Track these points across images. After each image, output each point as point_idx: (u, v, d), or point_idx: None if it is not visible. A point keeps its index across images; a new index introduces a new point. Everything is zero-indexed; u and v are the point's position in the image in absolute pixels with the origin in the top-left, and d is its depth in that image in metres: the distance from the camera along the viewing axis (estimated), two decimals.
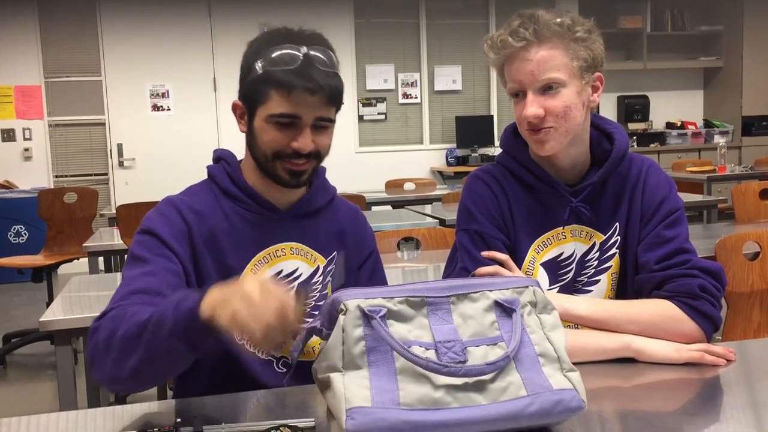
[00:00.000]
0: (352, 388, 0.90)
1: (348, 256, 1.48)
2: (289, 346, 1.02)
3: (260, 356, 1.40)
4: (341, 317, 0.94)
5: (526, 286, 1.02)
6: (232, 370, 1.37)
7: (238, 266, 1.37)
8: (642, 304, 1.40)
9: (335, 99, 1.35)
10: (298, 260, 1.43)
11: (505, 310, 0.99)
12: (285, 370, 1.41)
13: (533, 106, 1.39)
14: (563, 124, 1.41)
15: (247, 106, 1.38)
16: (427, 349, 0.93)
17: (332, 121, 1.37)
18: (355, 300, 0.95)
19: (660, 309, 1.37)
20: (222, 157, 1.47)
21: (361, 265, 1.53)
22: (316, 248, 1.45)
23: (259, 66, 1.33)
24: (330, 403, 0.93)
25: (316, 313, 1.43)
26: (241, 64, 1.39)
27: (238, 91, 1.40)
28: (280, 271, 1.41)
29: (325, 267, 1.46)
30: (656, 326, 1.35)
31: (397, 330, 0.94)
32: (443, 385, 0.92)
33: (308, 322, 1.05)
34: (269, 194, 1.42)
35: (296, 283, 1.42)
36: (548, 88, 1.40)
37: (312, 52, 1.32)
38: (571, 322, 1.37)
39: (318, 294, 1.44)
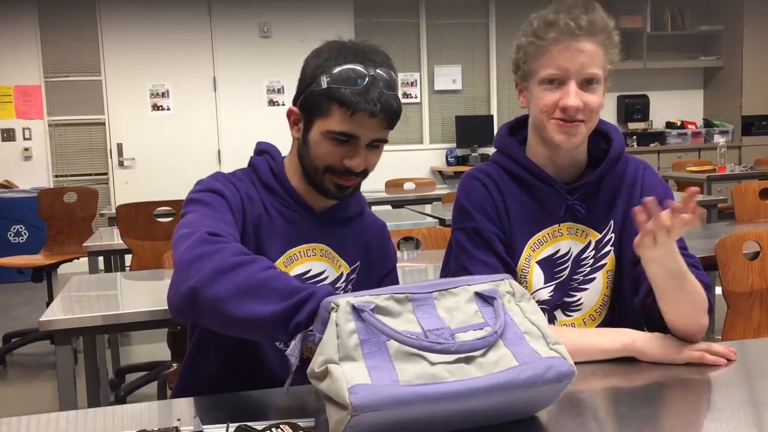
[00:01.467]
0: (351, 372, 0.93)
1: (370, 269, 1.52)
2: None
3: (278, 344, 1.42)
4: (333, 314, 0.97)
5: (502, 279, 1.09)
6: (245, 357, 1.40)
7: (273, 257, 1.39)
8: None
9: (394, 122, 1.38)
10: (325, 262, 1.46)
11: (485, 299, 1.05)
12: (299, 364, 1.41)
13: (576, 97, 1.38)
14: (593, 120, 1.43)
15: (304, 116, 1.39)
16: (417, 338, 0.97)
17: (386, 141, 1.41)
18: (344, 298, 0.99)
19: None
20: (266, 151, 1.49)
21: (381, 280, 1.55)
22: (342, 255, 1.48)
23: (324, 80, 1.34)
24: (330, 389, 0.93)
25: None
26: (304, 72, 1.39)
27: (296, 97, 1.41)
28: (309, 270, 1.44)
29: (348, 275, 1.49)
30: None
31: (387, 322, 0.98)
32: (438, 362, 0.96)
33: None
34: (308, 197, 1.45)
35: (323, 284, 1.44)
36: (589, 83, 1.39)
37: (378, 72, 1.35)
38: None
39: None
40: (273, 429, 1.01)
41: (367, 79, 1.32)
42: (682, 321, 1.33)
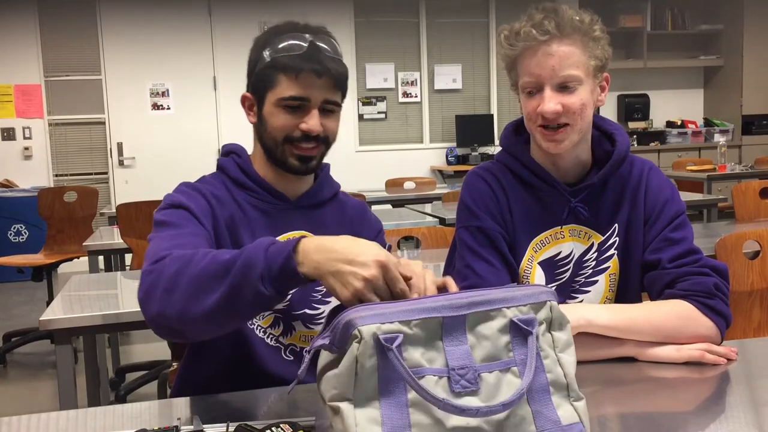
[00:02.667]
0: (363, 424, 0.89)
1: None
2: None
3: (268, 342, 1.42)
4: (355, 345, 0.90)
5: (544, 302, 0.99)
6: (239, 356, 1.39)
7: None
8: (659, 308, 1.37)
9: (341, 83, 1.40)
10: None
11: (520, 331, 0.96)
12: (292, 358, 1.43)
13: (552, 102, 1.38)
14: (578, 122, 1.41)
15: (256, 96, 1.42)
16: (440, 378, 0.91)
17: (339, 105, 1.42)
18: (370, 326, 0.90)
19: (678, 311, 1.35)
20: (232, 151, 1.50)
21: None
22: None
23: (267, 54, 1.38)
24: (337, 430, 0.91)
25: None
26: (249, 58, 1.44)
27: (247, 84, 1.45)
28: None
29: None
30: (677, 331, 1.33)
31: (411, 355, 0.91)
32: (457, 425, 0.90)
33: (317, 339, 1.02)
34: (279, 185, 1.46)
35: None
36: (566, 86, 1.39)
37: (317, 41, 1.38)
38: (593, 332, 1.33)
39: None
40: (273, 428, 1.01)
41: (308, 44, 1.37)
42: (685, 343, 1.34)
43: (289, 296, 1.41)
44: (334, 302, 1.43)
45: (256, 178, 1.45)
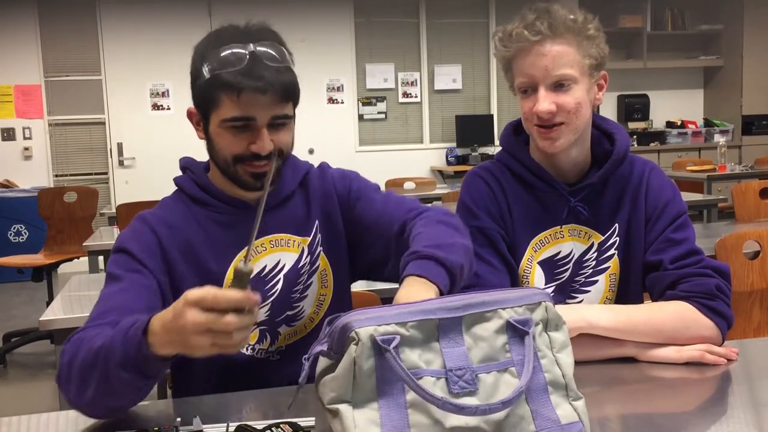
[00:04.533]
0: (363, 426, 0.89)
1: (333, 216, 1.45)
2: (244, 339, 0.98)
3: (258, 356, 1.40)
4: (352, 347, 0.90)
5: (539, 303, 0.99)
6: (227, 374, 1.37)
7: (219, 271, 1.35)
8: (661, 309, 1.37)
9: (289, 95, 1.28)
10: (279, 252, 1.40)
11: (517, 331, 0.97)
12: (279, 357, 1.41)
13: (546, 102, 1.39)
14: (574, 121, 1.41)
15: (200, 113, 1.33)
16: (438, 379, 0.91)
17: (289, 117, 1.31)
18: (367, 328, 0.90)
19: (679, 312, 1.35)
20: (186, 167, 1.45)
21: (352, 209, 1.46)
22: (296, 232, 1.42)
23: (206, 70, 1.27)
24: None
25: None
26: (191, 68, 1.32)
27: (192, 97, 1.34)
28: (264, 268, 1.39)
29: (309, 245, 1.42)
30: (678, 332, 1.33)
31: (408, 357, 0.92)
32: (456, 425, 0.90)
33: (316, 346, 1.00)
34: (238, 192, 1.38)
35: (282, 273, 1.39)
36: (560, 85, 1.39)
37: (259, 49, 1.26)
38: (594, 333, 1.33)
39: (306, 275, 1.42)
40: (273, 428, 1.01)
41: (247, 56, 1.25)
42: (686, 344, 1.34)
43: (268, 306, 1.38)
44: (310, 296, 1.43)
45: (214, 191, 1.39)
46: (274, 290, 1.39)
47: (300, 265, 1.42)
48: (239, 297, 0.94)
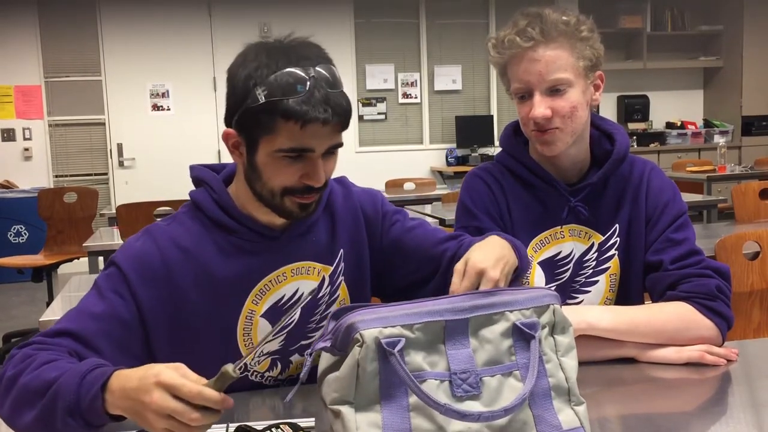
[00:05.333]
0: (364, 428, 0.89)
1: (360, 240, 1.37)
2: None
3: (267, 383, 1.34)
4: (356, 349, 0.89)
5: (547, 306, 0.98)
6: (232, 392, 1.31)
7: (235, 303, 1.27)
8: (661, 310, 1.37)
9: (347, 123, 1.20)
10: (300, 280, 1.32)
11: (523, 335, 0.96)
12: (287, 384, 1.36)
13: (541, 107, 1.39)
14: (570, 124, 1.41)
15: (245, 138, 1.21)
16: (442, 382, 0.91)
17: (342, 145, 1.23)
18: (372, 330, 0.89)
19: (680, 313, 1.35)
20: (203, 180, 1.31)
21: (382, 228, 1.39)
22: (319, 260, 1.33)
23: (260, 94, 1.15)
24: None
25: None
26: (232, 85, 1.20)
27: (228, 116, 1.22)
28: (282, 297, 1.31)
29: (331, 274, 1.34)
30: (679, 333, 1.33)
31: (413, 359, 0.91)
32: (459, 430, 0.90)
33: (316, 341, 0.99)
34: (265, 219, 1.28)
35: (300, 303, 1.32)
36: (555, 89, 1.39)
37: (320, 73, 1.16)
38: (595, 335, 1.32)
39: (325, 305, 1.35)
40: (273, 429, 1.01)
41: (309, 82, 1.14)
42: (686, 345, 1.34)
43: (283, 337, 1.32)
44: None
45: (238, 216, 1.27)
46: (291, 321, 1.32)
47: (320, 294, 1.34)
48: (216, 399, 0.92)
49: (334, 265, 1.35)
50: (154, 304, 1.22)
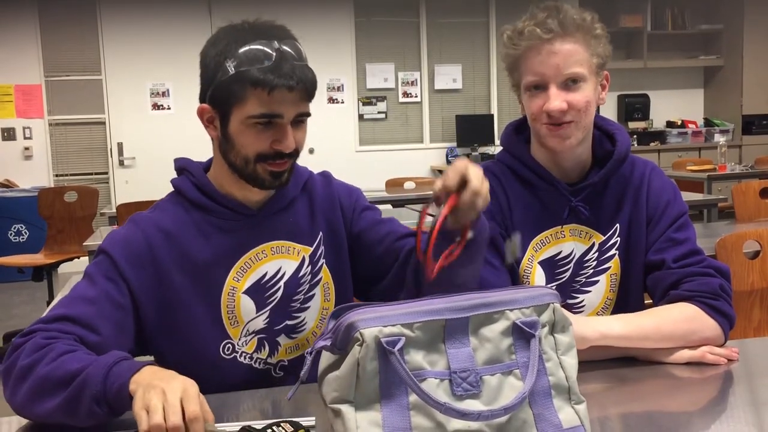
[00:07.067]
0: (365, 427, 0.89)
1: (337, 227, 1.44)
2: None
3: (256, 366, 1.36)
4: (356, 348, 0.90)
5: (547, 305, 0.98)
6: (225, 386, 1.31)
7: (217, 280, 1.33)
8: (668, 314, 1.35)
9: (312, 92, 1.30)
10: (280, 259, 1.38)
11: (523, 333, 0.96)
12: (282, 374, 1.39)
13: (557, 100, 1.38)
14: (583, 119, 1.41)
15: (218, 110, 1.30)
16: (441, 380, 0.91)
17: (309, 115, 1.33)
18: (372, 329, 0.90)
19: (686, 316, 1.34)
20: (184, 168, 1.41)
21: (358, 220, 1.46)
22: (297, 240, 1.40)
23: (230, 66, 1.26)
24: None
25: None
26: (204, 63, 1.32)
27: (202, 94, 1.33)
28: (264, 275, 1.36)
29: (311, 255, 1.40)
30: (686, 337, 1.33)
31: (413, 358, 0.91)
32: (459, 428, 0.90)
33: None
34: (241, 196, 1.36)
35: (281, 283, 1.37)
36: (571, 83, 1.39)
37: (284, 47, 1.27)
38: (607, 344, 1.32)
39: (308, 285, 1.40)
40: (274, 427, 1.01)
41: (275, 54, 1.25)
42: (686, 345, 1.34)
43: (266, 314, 1.36)
44: (313, 308, 1.41)
45: (215, 195, 1.36)
46: (273, 297, 1.37)
47: (300, 274, 1.39)
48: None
49: (314, 246, 1.41)
50: (143, 285, 1.29)
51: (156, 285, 1.30)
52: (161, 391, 1.00)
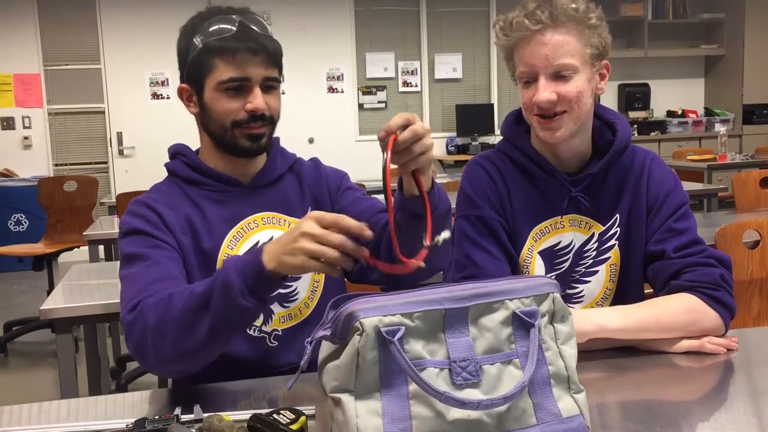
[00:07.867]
0: (364, 416, 0.89)
1: (323, 204, 1.51)
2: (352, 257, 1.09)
3: (252, 333, 1.40)
4: (356, 337, 0.90)
5: (547, 294, 0.98)
6: (224, 354, 1.31)
7: (212, 247, 1.40)
8: (668, 306, 1.35)
9: (277, 59, 1.40)
10: (271, 229, 1.45)
11: (522, 323, 0.96)
12: (277, 344, 1.41)
13: (546, 91, 1.38)
14: (575, 110, 1.40)
15: (193, 84, 1.41)
16: (441, 370, 0.92)
17: (279, 81, 1.41)
18: (371, 319, 0.90)
19: (687, 307, 1.34)
20: (177, 152, 1.50)
21: (340, 198, 1.52)
22: (287, 212, 1.47)
23: (198, 40, 1.37)
24: (339, 424, 0.91)
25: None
26: (179, 48, 1.43)
27: (181, 75, 1.44)
28: (256, 243, 1.42)
29: None
30: (686, 328, 1.32)
31: (413, 347, 0.91)
32: (458, 417, 0.90)
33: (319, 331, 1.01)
34: (231, 170, 1.45)
35: None
36: (561, 75, 1.39)
37: (247, 21, 1.38)
38: (607, 336, 1.31)
39: None
40: (275, 415, 1.01)
41: (237, 24, 1.37)
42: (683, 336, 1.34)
43: None
44: (304, 279, 1.46)
45: (206, 170, 1.45)
46: None
47: None
48: (353, 225, 1.09)
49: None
50: (176, 246, 1.37)
51: (176, 243, 1.38)
52: (300, 235, 1.08)
